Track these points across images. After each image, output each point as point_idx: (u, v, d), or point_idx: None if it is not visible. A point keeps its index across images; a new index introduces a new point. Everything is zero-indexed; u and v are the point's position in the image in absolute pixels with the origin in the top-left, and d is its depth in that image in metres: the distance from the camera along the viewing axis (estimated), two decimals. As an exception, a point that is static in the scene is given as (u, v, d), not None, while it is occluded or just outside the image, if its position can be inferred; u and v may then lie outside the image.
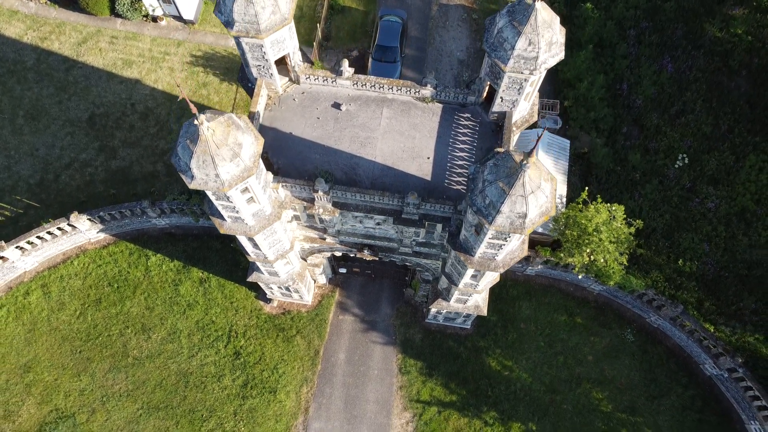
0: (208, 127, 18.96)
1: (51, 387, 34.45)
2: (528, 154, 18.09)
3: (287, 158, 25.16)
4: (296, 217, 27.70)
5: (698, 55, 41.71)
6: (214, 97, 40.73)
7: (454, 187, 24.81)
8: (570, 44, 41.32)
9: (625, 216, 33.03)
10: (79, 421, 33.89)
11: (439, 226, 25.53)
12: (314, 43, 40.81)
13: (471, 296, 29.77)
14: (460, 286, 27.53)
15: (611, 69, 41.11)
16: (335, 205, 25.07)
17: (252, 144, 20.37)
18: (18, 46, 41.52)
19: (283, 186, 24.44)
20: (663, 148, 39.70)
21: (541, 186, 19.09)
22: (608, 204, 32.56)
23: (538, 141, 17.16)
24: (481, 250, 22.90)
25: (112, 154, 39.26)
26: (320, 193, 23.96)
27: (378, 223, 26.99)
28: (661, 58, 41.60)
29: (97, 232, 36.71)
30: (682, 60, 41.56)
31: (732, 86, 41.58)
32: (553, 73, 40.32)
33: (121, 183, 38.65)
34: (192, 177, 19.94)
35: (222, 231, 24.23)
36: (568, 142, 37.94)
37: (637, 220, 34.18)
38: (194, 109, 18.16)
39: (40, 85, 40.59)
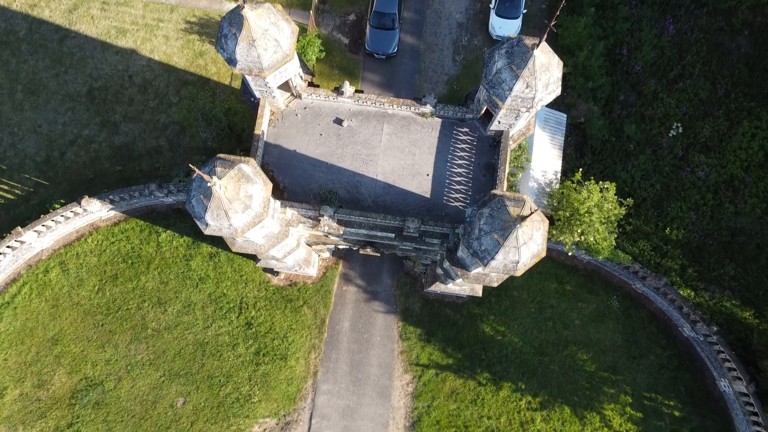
0: (220, 185, 19.98)
1: (78, 358, 37.27)
2: (522, 218, 19.32)
3: (292, 177, 26.15)
4: (301, 222, 29.04)
5: (701, 14, 41.15)
6: (212, 67, 40.51)
7: (453, 204, 26.04)
8: (571, 8, 40.63)
9: (616, 196, 34.40)
10: (108, 388, 37.02)
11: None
12: (311, 10, 40.00)
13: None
14: (457, 281, 29.46)
15: (612, 33, 40.66)
16: (340, 222, 26.39)
17: (261, 191, 21.41)
18: (8, 14, 40.61)
19: (290, 207, 25.63)
20: (659, 116, 40.21)
21: (533, 237, 20.46)
22: (601, 182, 33.89)
23: (532, 212, 18.35)
24: (477, 270, 24.58)
25: (114, 129, 39.70)
26: (326, 216, 25.23)
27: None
28: (663, 19, 41.04)
29: (108, 211, 38.01)
30: (684, 20, 41.05)
31: (732, 47, 41.40)
32: (553, 39, 39.89)
33: (126, 159, 39.43)
34: (207, 225, 21.18)
35: (234, 250, 25.74)
36: (565, 116, 38.43)
37: (628, 199, 35.67)
38: (207, 178, 19.10)
39: (35, 57, 40.18)
